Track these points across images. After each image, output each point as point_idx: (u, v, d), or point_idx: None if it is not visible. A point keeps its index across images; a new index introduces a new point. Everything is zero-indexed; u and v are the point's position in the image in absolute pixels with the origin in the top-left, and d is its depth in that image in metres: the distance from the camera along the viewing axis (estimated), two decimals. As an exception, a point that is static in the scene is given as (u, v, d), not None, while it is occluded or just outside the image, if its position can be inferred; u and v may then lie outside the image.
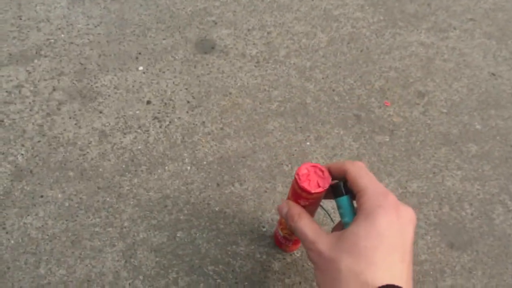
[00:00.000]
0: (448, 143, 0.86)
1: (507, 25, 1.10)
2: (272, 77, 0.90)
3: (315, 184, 0.57)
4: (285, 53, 0.94)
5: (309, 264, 0.69)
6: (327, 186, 0.57)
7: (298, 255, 0.70)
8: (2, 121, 0.77)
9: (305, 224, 0.54)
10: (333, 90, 0.90)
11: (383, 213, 0.47)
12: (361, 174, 0.51)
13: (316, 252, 0.50)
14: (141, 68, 0.87)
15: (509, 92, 0.97)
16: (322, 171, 0.58)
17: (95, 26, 0.92)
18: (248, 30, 0.96)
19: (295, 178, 0.58)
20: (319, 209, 0.73)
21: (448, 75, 0.97)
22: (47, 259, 0.65)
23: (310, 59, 0.94)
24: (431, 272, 0.71)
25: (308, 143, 0.82)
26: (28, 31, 0.89)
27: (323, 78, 0.91)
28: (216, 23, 0.96)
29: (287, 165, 0.78)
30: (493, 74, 1.00)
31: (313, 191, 0.57)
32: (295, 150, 0.80)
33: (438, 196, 0.79)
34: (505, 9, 1.13)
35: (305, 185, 0.57)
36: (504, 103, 0.95)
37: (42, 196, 0.70)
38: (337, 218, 0.73)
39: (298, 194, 0.59)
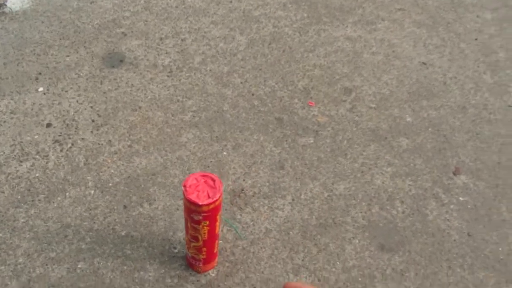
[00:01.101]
0: (378, 139, 0.85)
1: (438, 12, 1.10)
2: (186, 86, 0.88)
3: (205, 195, 0.55)
4: (200, 60, 0.92)
5: (225, 283, 0.66)
6: (217, 197, 0.55)
7: (213, 275, 0.67)
8: None
9: None
10: (253, 94, 0.88)
11: None
12: None
13: None
14: (41, 89, 0.84)
15: (441, 80, 0.97)
16: (214, 180, 0.56)
17: (-9, 49, 0.89)
18: (161, 39, 0.94)
19: (182, 190, 0.56)
20: (226, 226, 0.71)
21: (377, 68, 0.97)
22: None
23: (228, 63, 0.92)
24: (360, 279, 0.69)
25: (225, 153, 0.80)
26: None
27: (241, 83, 0.90)
28: (125, 35, 0.94)
29: (200, 179, 0.76)
30: (424, 63, 1.00)
31: (201, 203, 0.54)
32: (211, 161, 0.78)
33: (367, 196, 0.78)
34: (434, -5, 1.14)
35: (192, 197, 0.55)
36: (436, 92, 0.95)
37: None
38: (247, 233, 0.71)
39: (187, 208, 0.56)
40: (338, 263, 0.70)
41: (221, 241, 0.70)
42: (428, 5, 1.12)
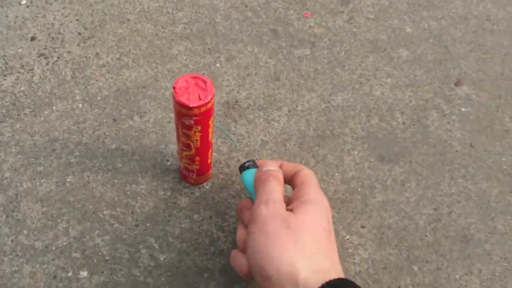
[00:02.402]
0: (376, 50, 0.75)
1: None
2: (176, -2, 0.76)
3: (196, 97, 0.46)
4: (191, -29, 0.80)
5: (220, 195, 0.59)
6: (209, 98, 0.46)
7: (207, 187, 0.59)
8: None
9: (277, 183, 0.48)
10: (246, 6, 0.77)
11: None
12: (311, 177, 0.49)
13: (274, 211, 0.43)
14: (24, 1, 0.73)
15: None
16: (205, 82, 0.47)
17: (-33, -40, 0.76)
18: (148, -51, 0.81)
19: (171, 93, 0.46)
20: (219, 134, 0.62)
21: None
22: None
23: (220, -26, 0.80)
24: (359, 189, 0.61)
25: (218, 65, 0.70)
26: None
27: (234, -6, 0.78)
28: None
29: (193, 91, 0.66)
30: (425, -26, 0.87)
31: (192, 105, 0.45)
32: (204, 73, 0.69)
33: (366, 107, 0.69)
34: None
35: (182, 99, 0.45)
36: (437, 3, 0.84)
37: None
38: (242, 144, 0.62)
39: (178, 112, 0.47)
40: (337, 174, 0.62)
41: (215, 153, 0.61)
42: None
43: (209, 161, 0.56)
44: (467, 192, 0.63)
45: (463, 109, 0.71)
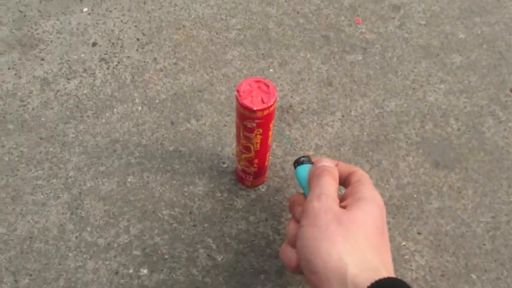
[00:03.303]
0: (429, 56, 0.73)
1: None
2: (229, 5, 0.76)
3: (259, 100, 0.45)
4: (243, -21, 0.80)
5: (275, 198, 0.58)
6: (272, 102, 0.45)
7: (263, 190, 0.58)
8: None
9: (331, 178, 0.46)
10: (298, 13, 0.76)
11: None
12: (367, 177, 0.48)
13: (327, 205, 0.42)
14: (85, 9, 0.74)
15: (495, -3, 0.82)
16: (268, 86, 0.46)
17: (34, -30, 0.78)
18: (203, -42, 0.82)
19: (235, 96, 0.46)
20: (278, 137, 0.61)
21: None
22: (-15, 219, 0.55)
23: (271, -18, 0.80)
24: (415, 195, 0.59)
25: (271, 70, 0.69)
26: (-37, -17, 0.77)
27: (286, 1, 0.77)
28: (167, -45, 0.82)
29: (247, 95, 0.66)
30: (477, -20, 0.84)
31: (255, 108, 0.44)
32: (258, 78, 0.68)
33: (420, 113, 0.67)
34: None
35: (246, 102, 0.45)
36: (490, 9, 0.80)
37: (-21, 153, 0.60)
38: (297, 148, 0.61)
39: (241, 114, 0.47)
40: (392, 179, 0.60)
41: (271, 157, 0.60)
42: None
43: (266, 163, 0.55)
44: (526, 200, 0.60)
45: (520, 115, 0.67)
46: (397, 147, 0.63)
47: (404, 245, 0.56)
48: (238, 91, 0.46)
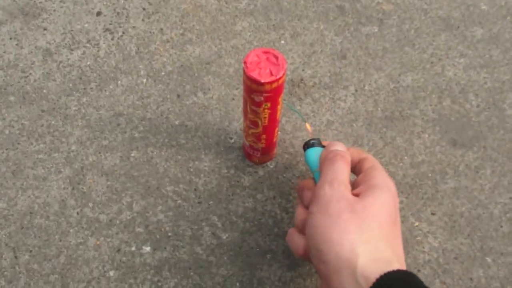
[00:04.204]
0: (449, 29, 0.68)
1: None
2: (239, -27, 0.72)
3: (267, 73, 0.41)
4: None
5: (284, 176, 0.55)
6: (281, 74, 0.41)
7: (271, 166, 0.55)
8: None
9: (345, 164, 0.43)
10: (311, -19, 0.71)
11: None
12: (378, 164, 0.45)
13: (339, 192, 0.39)
14: (89, -23, 0.71)
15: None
16: (277, 57, 0.42)
17: None
18: None
19: (242, 68, 0.42)
20: (287, 112, 0.58)
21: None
22: (-14, 192, 0.53)
23: (283, -51, 0.75)
24: (430, 174, 0.56)
25: (282, 42, 0.65)
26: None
27: (299, -31, 0.72)
28: None
29: (256, 68, 0.62)
30: None
31: (263, 81, 0.41)
32: (267, 50, 0.64)
33: (438, 88, 0.62)
34: None
35: (254, 74, 0.41)
36: (516, -21, 0.75)
37: (-20, 125, 0.57)
38: (309, 122, 0.58)
39: (248, 87, 0.43)
40: (406, 157, 0.57)
41: (280, 132, 0.57)
42: None
43: (275, 139, 0.52)
44: (548, 181, 0.56)
45: (544, 92, 0.63)
46: (413, 124, 0.59)
47: (417, 225, 0.53)
48: (245, 62, 0.42)
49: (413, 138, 0.58)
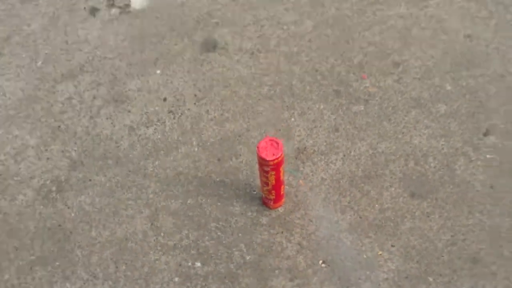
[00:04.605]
0: (419, 106, 0.94)
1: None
2: (264, 66, 1.01)
3: (271, 153, 0.70)
4: (275, 43, 1.04)
5: (290, 217, 0.82)
6: (279, 155, 0.70)
7: (281, 211, 0.83)
8: (59, 126, 0.97)
9: None
10: (316, 70, 1.00)
11: None
12: None
13: None
14: (158, 71, 1.03)
15: (483, 51, 1.00)
16: (277, 143, 0.71)
17: (122, 41, 1.08)
18: (244, 26, 1.07)
19: (256, 150, 0.71)
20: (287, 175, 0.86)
21: (425, 43, 1.02)
22: (96, 225, 0.84)
23: (297, 44, 1.04)
24: (393, 218, 0.81)
25: (292, 119, 0.93)
26: (74, 53, 1.07)
27: (307, 61, 1.01)
28: (218, 24, 1.08)
29: (273, 140, 0.91)
30: (469, 36, 1.03)
31: (268, 159, 0.69)
32: (282, 125, 0.93)
33: (405, 153, 0.88)
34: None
35: (262, 155, 0.70)
36: (478, 62, 0.99)
37: (90, 180, 0.89)
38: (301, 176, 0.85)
39: (259, 162, 0.72)
40: (376, 205, 0.83)
41: (287, 187, 0.85)
42: (480, -20, 1.12)
43: (282, 193, 0.80)
44: (482, 224, 0.80)
45: (488, 156, 0.87)
46: (383, 180, 0.85)
47: (380, 254, 0.78)
48: (258, 147, 0.71)
49: (383, 191, 0.84)
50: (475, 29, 1.04)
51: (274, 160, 0.70)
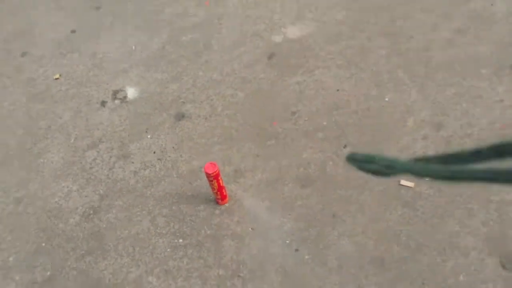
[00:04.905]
0: (305, 136, 1.57)
1: (352, 58, 1.78)
2: (213, 124, 1.66)
3: (211, 169, 1.32)
4: (221, 109, 1.70)
5: (231, 208, 1.43)
6: (215, 170, 1.32)
7: (227, 205, 1.43)
8: (90, 177, 1.59)
9: None
10: (246, 123, 1.64)
11: None
12: None
13: None
14: (149, 136, 1.67)
15: (346, 98, 1.65)
16: (214, 165, 1.33)
17: (124, 120, 1.73)
18: (201, 102, 1.73)
19: (204, 169, 1.33)
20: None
21: (311, 97, 1.68)
22: (119, 229, 1.44)
23: (234, 109, 1.69)
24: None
25: (232, 152, 1.56)
26: (93, 131, 1.72)
27: (242, 119, 1.65)
28: (184, 102, 1.74)
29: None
30: (338, 90, 1.69)
31: (209, 172, 1.32)
32: (224, 157, 1.55)
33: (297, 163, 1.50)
34: (351, 46, 1.81)
35: (207, 170, 1.32)
36: (342, 106, 1.64)
37: (113, 204, 1.50)
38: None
39: (207, 175, 1.34)
40: (280, 187, 1.43)
41: (228, 191, 1.45)
42: (346, 53, 1.80)
43: (225, 194, 1.41)
44: (342, 197, 1.40)
45: (347, 159, 1.49)
46: (283, 182, 1.47)
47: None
48: (204, 167, 1.33)
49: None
50: (342, 85, 1.70)
51: (213, 173, 1.32)
